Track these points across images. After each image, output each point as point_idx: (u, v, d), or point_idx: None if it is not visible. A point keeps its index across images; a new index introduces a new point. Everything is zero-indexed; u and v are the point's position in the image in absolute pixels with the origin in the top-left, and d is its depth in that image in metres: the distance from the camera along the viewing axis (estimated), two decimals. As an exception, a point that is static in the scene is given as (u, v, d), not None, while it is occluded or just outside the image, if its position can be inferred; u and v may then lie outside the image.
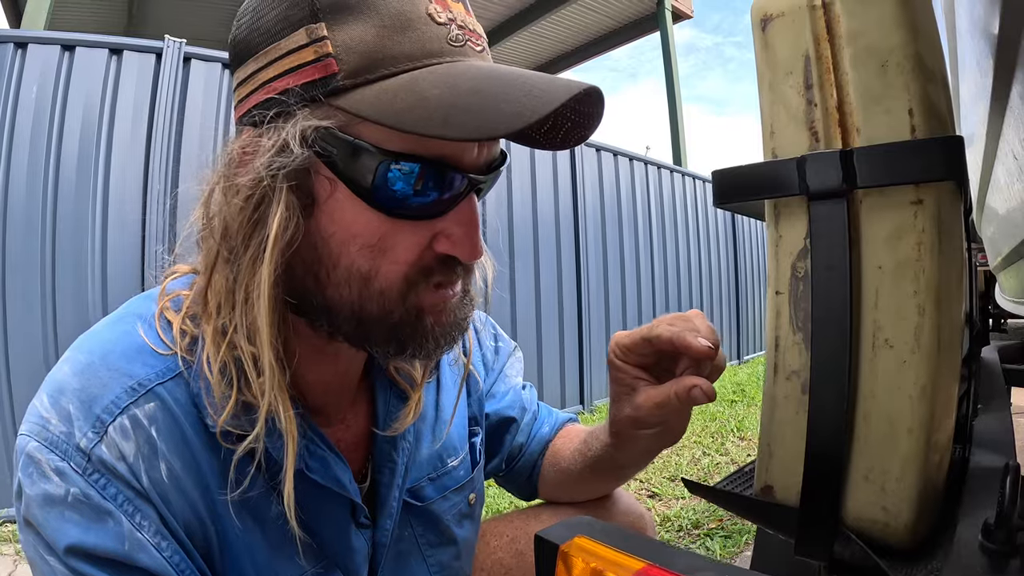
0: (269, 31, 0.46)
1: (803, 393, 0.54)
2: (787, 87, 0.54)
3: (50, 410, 0.46)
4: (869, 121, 0.50)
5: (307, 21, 0.44)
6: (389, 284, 0.48)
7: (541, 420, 0.84)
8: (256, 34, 0.47)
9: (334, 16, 0.44)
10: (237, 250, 0.47)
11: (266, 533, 0.52)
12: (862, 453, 0.52)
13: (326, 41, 0.44)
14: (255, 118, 0.46)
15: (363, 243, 0.47)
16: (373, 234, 0.46)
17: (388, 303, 0.48)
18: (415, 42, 0.45)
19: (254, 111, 0.47)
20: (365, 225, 0.46)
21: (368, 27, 0.44)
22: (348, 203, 0.46)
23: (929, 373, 0.49)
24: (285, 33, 0.45)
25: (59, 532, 0.44)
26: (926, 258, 0.48)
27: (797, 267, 0.53)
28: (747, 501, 0.61)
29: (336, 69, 0.44)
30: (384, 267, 0.47)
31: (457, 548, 0.69)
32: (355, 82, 0.44)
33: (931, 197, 0.48)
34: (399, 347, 0.50)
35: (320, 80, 0.44)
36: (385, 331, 0.49)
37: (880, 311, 0.50)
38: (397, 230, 0.47)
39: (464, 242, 0.48)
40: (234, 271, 0.48)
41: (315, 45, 0.44)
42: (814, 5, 0.53)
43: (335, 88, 0.44)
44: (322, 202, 0.47)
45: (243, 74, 0.48)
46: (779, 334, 0.55)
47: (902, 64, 0.49)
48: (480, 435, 0.76)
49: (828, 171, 0.50)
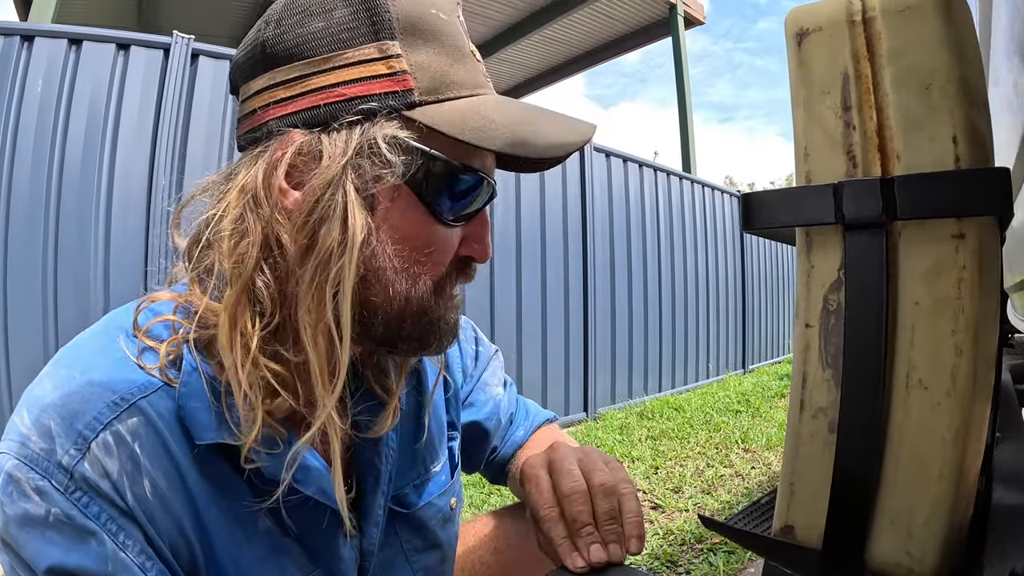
0: (330, 38, 0.48)
1: (830, 432, 0.51)
2: (824, 107, 0.51)
3: (30, 427, 0.45)
4: (910, 147, 0.47)
5: (381, 37, 0.48)
6: (431, 284, 0.52)
7: (516, 424, 0.85)
8: (311, 38, 0.48)
9: (407, 38, 0.49)
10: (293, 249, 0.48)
11: (254, 547, 0.51)
12: (890, 496, 0.49)
13: (401, 59, 0.48)
14: (315, 119, 0.48)
15: (414, 245, 0.51)
16: (425, 238, 0.51)
17: (427, 302, 0.52)
18: (468, 73, 0.52)
19: (308, 112, 0.48)
20: (420, 229, 0.51)
21: (435, 54, 0.50)
22: (409, 208, 0.50)
23: (963, 417, 0.46)
24: (352, 44, 0.48)
25: (39, 553, 0.43)
26: (966, 296, 0.45)
27: (829, 300, 0.50)
28: (766, 541, 0.59)
29: (413, 85, 0.48)
30: (428, 268, 0.52)
31: (442, 552, 0.70)
32: (428, 99, 0.49)
33: (973, 232, 0.45)
34: (423, 343, 0.54)
35: (399, 93, 0.48)
36: (420, 328, 0.53)
37: (915, 350, 0.47)
38: (441, 234, 0.52)
39: (483, 245, 0.55)
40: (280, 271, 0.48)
41: (389, 60, 0.48)
42: (854, 20, 0.50)
43: (412, 102, 0.48)
44: (383, 206, 0.49)
45: (287, 75, 0.49)
46: (807, 369, 0.52)
47: (946, 88, 0.46)
48: (457, 439, 0.77)
49: (866, 200, 0.47)
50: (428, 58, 0.49)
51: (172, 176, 2.67)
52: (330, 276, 0.47)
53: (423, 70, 0.49)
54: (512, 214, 4.02)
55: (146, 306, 0.52)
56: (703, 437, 3.75)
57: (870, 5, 0.50)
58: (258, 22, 0.52)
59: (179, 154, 2.74)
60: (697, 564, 2.07)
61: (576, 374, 4.41)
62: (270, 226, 0.48)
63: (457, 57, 0.51)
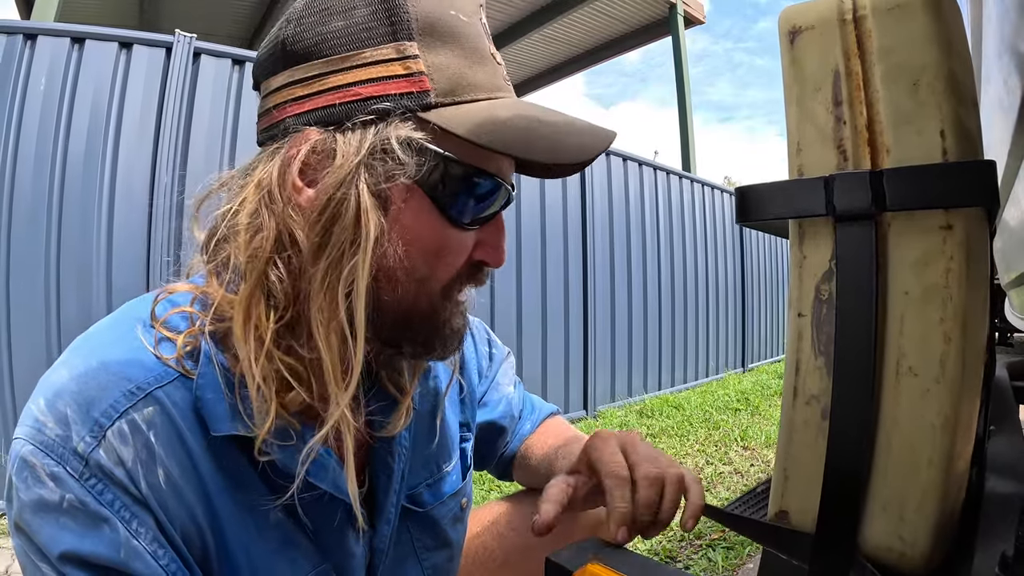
0: (348, 37, 0.48)
1: (823, 419, 0.53)
2: (815, 103, 0.52)
3: (46, 413, 0.45)
4: (900, 142, 0.48)
5: (399, 37, 0.48)
6: (439, 287, 0.52)
7: (524, 419, 0.87)
8: (330, 37, 0.49)
9: (425, 39, 0.49)
10: (308, 245, 0.48)
11: (266, 539, 0.52)
12: (881, 482, 0.51)
13: (418, 59, 0.48)
14: (331, 117, 0.48)
15: (425, 247, 0.50)
16: (437, 240, 0.51)
17: (436, 304, 0.52)
18: (487, 75, 0.52)
19: (324, 111, 0.48)
20: (432, 231, 0.50)
21: (454, 55, 0.50)
22: (421, 210, 0.50)
23: (952, 403, 0.48)
24: (370, 43, 0.48)
25: (53, 539, 0.43)
26: (954, 285, 0.47)
27: (821, 289, 0.52)
28: (760, 526, 0.60)
29: (429, 87, 0.48)
30: (439, 271, 0.52)
31: (451, 550, 0.71)
32: (444, 101, 0.49)
33: (960, 223, 0.46)
34: (428, 346, 0.54)
35: (416, 94, 0.48)
36: (427, 330, 0.53)
37: (905, 338, 0.49)
38: (454, 237, 0.52)
39: (497, 249, 0.55)
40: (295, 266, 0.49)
41: (406, 61, 0.48)
42: (844, 19, 0.52)
43: (428, 104, 0.48)
44: (395, 206, 0.49)
45: (304, 73, 0.49)
46: (800, 357, 0.54)
47: (934, 84, 0.47)
48: (470, 440, 0.78)
49: (857, 192, 0.48)
50: (446, 59, 0.49)
51: (174, 174, 2.68)
52: (343, 275, 0.47)
53: (440, 71, 0.49)
54: (512, 212, 4.03)
55: (164, 297, 0.53)
56: (702, 435, 3.76)
57: (860, 4, 0.52)
58: (280, 20, 0.53)
59: (181, 152, 2.74)
60: (696, 560, 2.08)
61: (576, 372, 4.42)
62: (284, 222, 0.48)
63: (476, 59, 0.51)
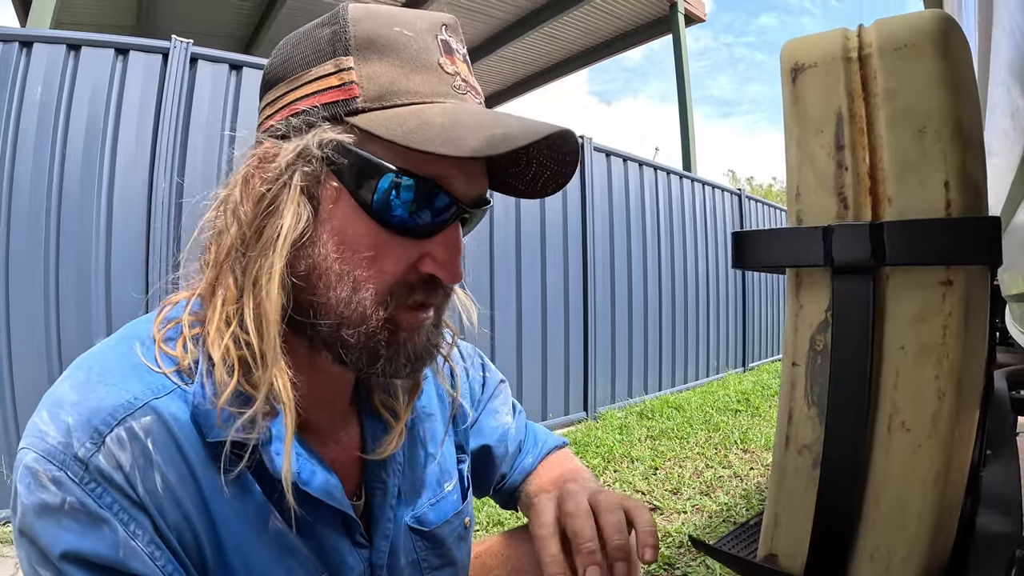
0: (301, 61, 0.53)
1: (814, 468, 0.52)
2: (817, 146, 0.51)
3: (49, 423, 0.48)
4: (902, 192, 0.47)
5: (337, 54, 0.51)
6: (373, 292, 0.52)
7: (525, 452, 0.87)
8: (289, 63, 0.54)
9: (362, 52, 0.51)
10: (249, 241, 0.51)
11: (263, 545, 0.53)
12: (870, 532, 0.50)
13: (352, 70, 0.51)
14: (279, 131, 0.52)
15: (357, 250, 0.51)
16: (368, 243, 0.51)
17: (368, 310, 0.52)
18: (427, 83, 0.52)
19: (278, 124, 0.53)
20: (362, 234, 0.51)
21: (389, 65, 0.51)
22: (351, 212, 0.51)
23: (944, 460, 0.47)
24: (315, 63, 0.52)
25: (55, 539, 0.46)
26: (950, 342, 0.46)
27: (816, 340, 0.51)
28: (751, 566, 0.60)
29: (357, 94, 0.50)
30: (373, 276, 0.51)
31: (455, 570, 0.72)
32: (372, 106, 0.50)
33: (961, 279, 0.45)
34: (372, 358, 0.53)
35: (342, 101, 0.50)
36: (361, 338, 0.52)
37: (899, 393, 0.48)
38: (390, 243, 0.51)
39: (447, 265, 0.53)
40: (243, 261, 0.52)
41: (341, 73, 0.51)
42: (850, 57, 0.50)
43: (353, 109, 0.50)
44: (327, 208, 0.51)
45: (271, 96, 0.55)
46: (793, 407, 0.53)
47: (941, 131, 0.46)
48: (466, 462, 0.79)
49: (856, 244, 0.47)
50: (380, 69, 0.51)
51: (172, 179, 2.67)
52: (264, 266, 0.50)
53: (372, 80, 0.51)
54: (512, 213, 4.02)
55: (166, 312, 0.57)
56: (702, 437, 3.76)
57: (867, 41, 0.50)
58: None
59: (179, 157, 2.73)
60: (694, 567, 2.08)
61: (576, 373, 4.41)
62: (237, 223, 0.52)
63: (415, 68, 0.52)
